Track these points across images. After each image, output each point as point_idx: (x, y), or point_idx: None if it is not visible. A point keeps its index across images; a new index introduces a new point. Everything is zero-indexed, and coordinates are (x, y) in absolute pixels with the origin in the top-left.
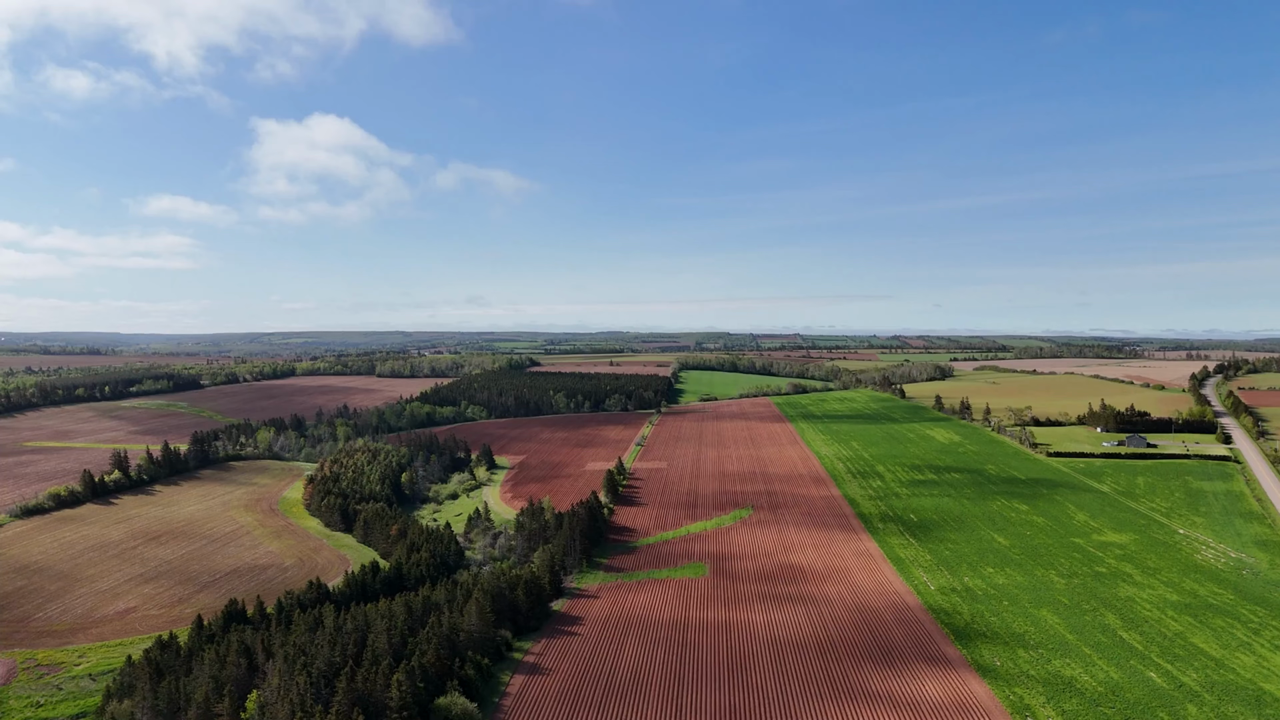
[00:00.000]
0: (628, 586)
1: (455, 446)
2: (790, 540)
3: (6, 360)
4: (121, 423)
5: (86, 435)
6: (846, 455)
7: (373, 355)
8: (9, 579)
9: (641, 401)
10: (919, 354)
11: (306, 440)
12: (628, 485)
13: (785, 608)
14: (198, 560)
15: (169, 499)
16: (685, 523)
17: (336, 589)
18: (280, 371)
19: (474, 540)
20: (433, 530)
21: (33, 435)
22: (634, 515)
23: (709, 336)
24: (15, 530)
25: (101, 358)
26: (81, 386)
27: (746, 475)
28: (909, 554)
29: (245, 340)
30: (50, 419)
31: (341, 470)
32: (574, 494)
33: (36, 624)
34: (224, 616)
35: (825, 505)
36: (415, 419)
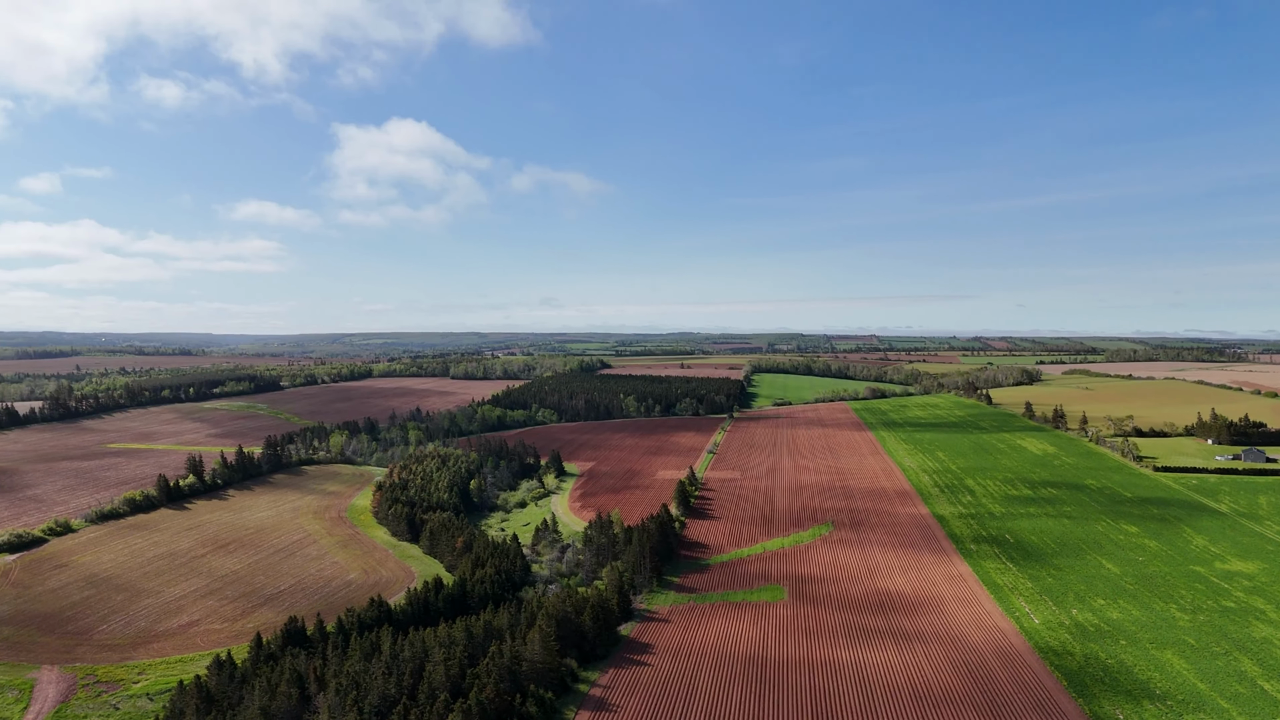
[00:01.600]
0: (701, 610)
1: (524, 452)
2: (875, 562)
3: (103, 361)
4: (202, 424)
5: (168, 437)
6: (932, 467)
7: (447, 357)
8: (77, 589)
9: (713, 405)
10: (1002, 356)
11: (379, 444)
12: (700, 496)
13: (874, 643)
14: (263, 571)
15: (240, 505)
16: (761, 539)
17: (398, 607)
18: (357, 373)
19: (541, 554)
20: (498, 544)
21: (117, 437)
22: (707, 530)
23: (781, 338)
24: (90, 536)
25: (191, 358)
26: (167, 388)
27: (825, 488)
28: (1007, 580)
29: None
30: (135, 420)
31: (410, 477)
32: (644, 505)
33: (100, 637)
34: (283, 635)
35: (912, 523)
36: (486, 422)
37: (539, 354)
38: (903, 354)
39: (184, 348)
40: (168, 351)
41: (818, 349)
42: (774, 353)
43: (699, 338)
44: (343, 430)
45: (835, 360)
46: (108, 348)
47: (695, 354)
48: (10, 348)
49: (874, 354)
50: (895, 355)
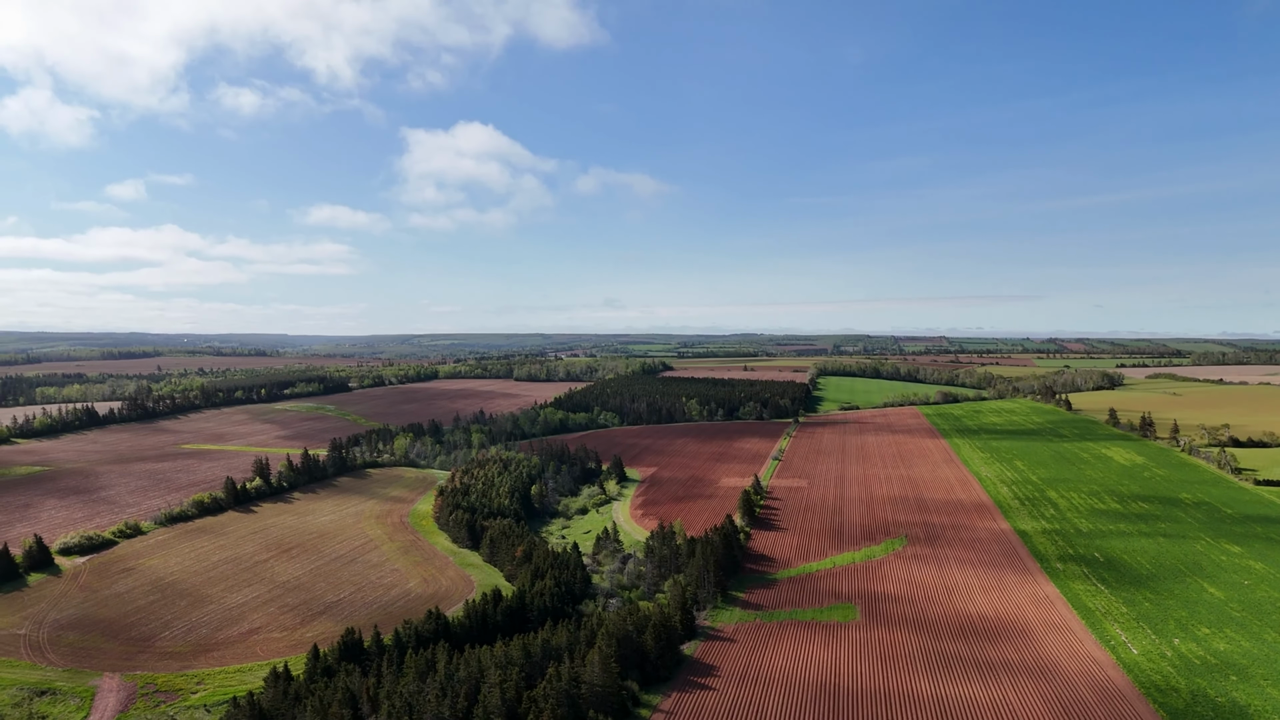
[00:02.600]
0: (768, 629)
1: (586, 456)
2: (953, 581)
3: (183, 361)
4: (272, 426)
5: (239, 438)
6: (1011, 478)
7: (511, 358)
8: (143, 593)
9: (778, 410)
10: (1080, 359)
11: (442, 447)
12: (765, 506)
13: (956, 673)
14: (324, 578)
15: (304, 508)
16: (831, 552)
17: (455, 620)
18: (423, 374)
19: (602, 563)
20: (558, 555)
21: (190, 438)
22: (773, 541)
23: (847, 339)
24: (158, 539)
25: (265, 359)
26: (240, 389)
27: (898, 499)
28: (1099, 604)
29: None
30: (208, 421)
31: (471, 482)
32: (707, 513)
33: (162, 644)
34: (340, 648)
35: (992, 539)
36: (549, 425)
37: (601, 355)
38: (974, 356)
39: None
40: (244, 352)
41: (885, 351)
42: (839, 354)
43: (762, 339)
44: (407, 432)
45: (904, 363)
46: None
47: (759, 356)
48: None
49: (944, 356)
50: (966, 357)
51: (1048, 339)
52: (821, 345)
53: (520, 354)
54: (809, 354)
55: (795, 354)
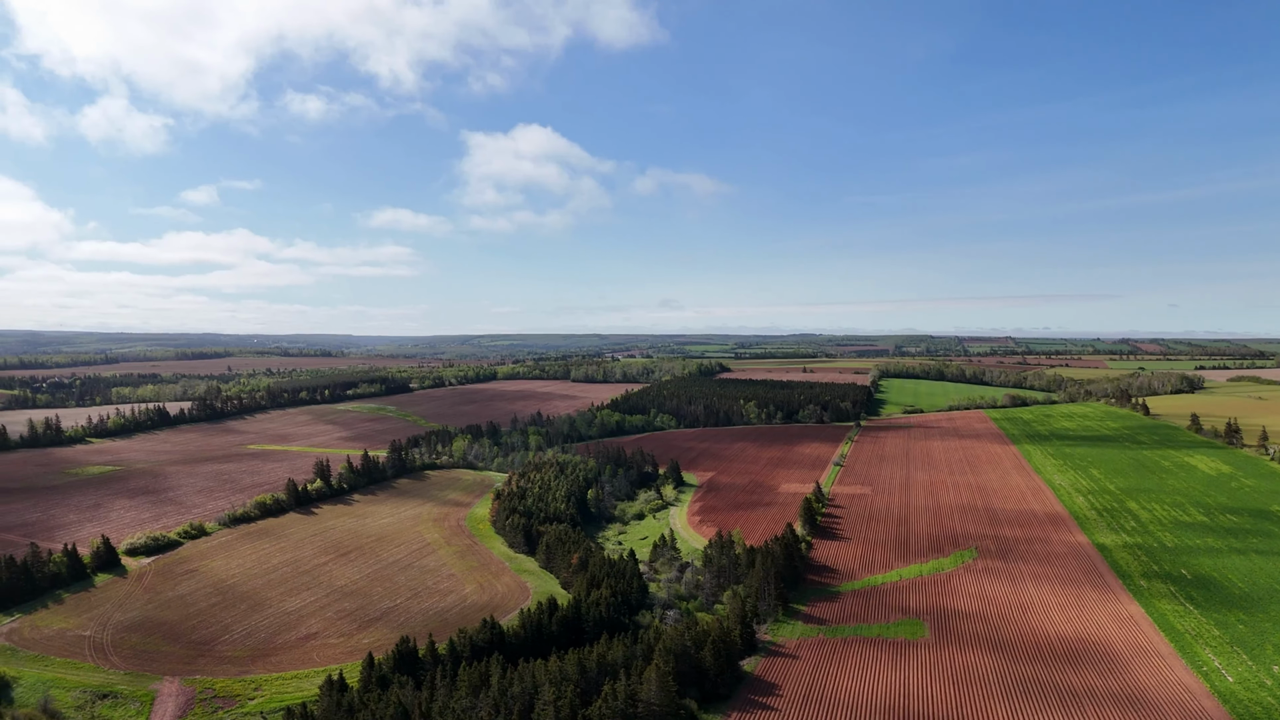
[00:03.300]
0: (831, 645)
1: (643, 460)
2: (1028, 597)
3: (252, 362)
4: (334, 427)
5: (302, 439)
6: (1087, 487)
7: (569, 359)
8: (204, 596)
9: (839, 413)
10: (1156, 361)
11: (500, 448)
12: (827, 514)
13: (1034, 698)
14: (381, 582)
15: (363, 511)
16: (896, 564)
17: (510, 630)
18: (482, 375)
19: (659, 572)
20: (614, 563)
21: (255, 439)
22: (835, 552)
23: (909, 339)
24: (221, 540)
25: (330, 359)
26: (305, 389)
27: (966, 508)
28: (1188, 626)
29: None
30: (273, 422)
31: (528, 485)
32: (767, 521)
33: (221, 648)
34: (394, 657)
35: (1068, 552)
36: (605, 427)
37: (658, 356)
38: (1042, 357)
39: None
40: (310, 353)
41: (949, 352)
42: (902, 355)
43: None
44: (465, 434)
45: (969, 364)
46: (257, 349)
47: (818, 357)
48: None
49: (1010, 357)
50: (1034, 359)
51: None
52: (882, 346)
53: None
54: (869, 355)
55: (855, 355)
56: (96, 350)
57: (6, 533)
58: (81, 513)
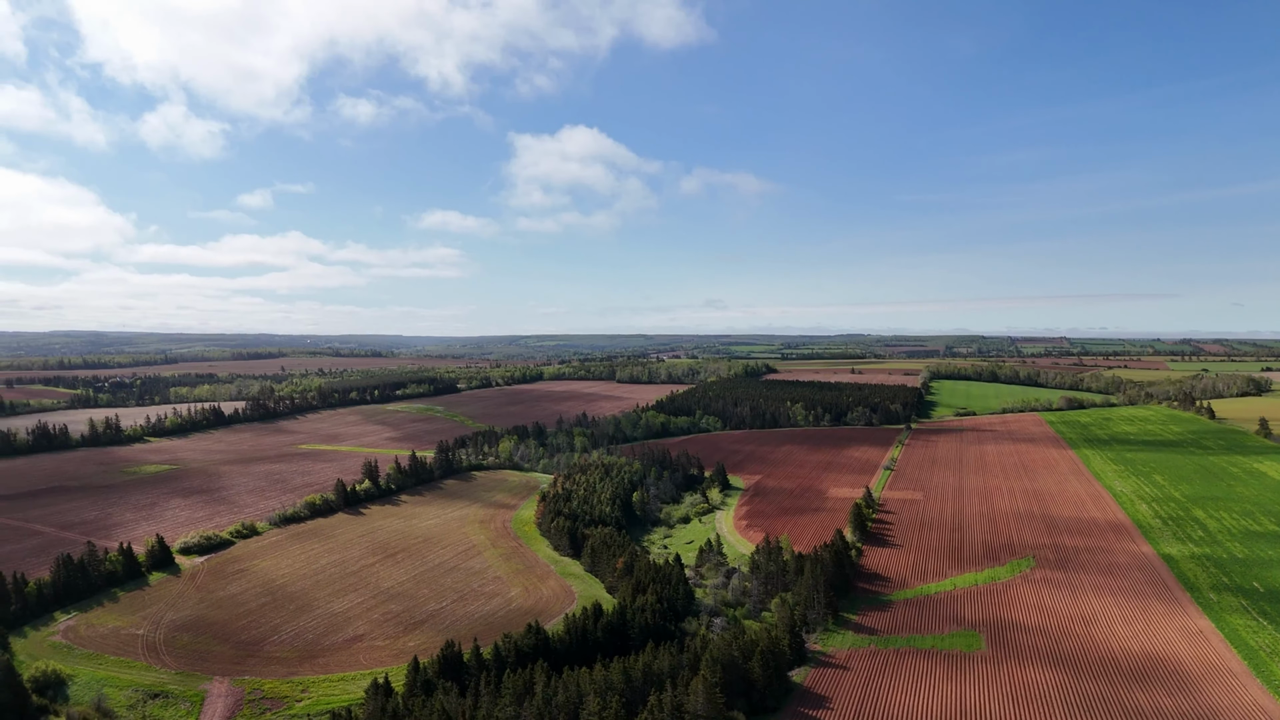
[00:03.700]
0: (883, 656)
1: (688, 462)
2: (1090, 609)
3: (305, 362)
4: (383, 427)
5: (351, 439)
6: (1150, 494)
7: (613, 359)
8: (254, 596)
9: (888, 415)
10: (1219, 362)
11: (546, 449)
12: (878, 520)
13: (1098, 718)
14: (427, 584)
15: (411, 511)
16: (950, 573)
17: (555, 635)
18: (529, 376)
19: (705, 577)
20: (660, 568)
21: (306, 439)
22: (886, 559)
23: (960, 340)
24: (271, 540)
25: (380, 360)
26: (355, 390)
27: (1023, 515)
28: (1263, 642)
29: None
30: (324, 421)
31: (573, 488)
32: (815, 527)
33: (270, 648)
34: (439, 661)
35: (1132, 563)
36: (650, 429)
37: (703, 357)
38: (1099, 358)
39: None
40: (361, 353)
41: (1001, 352)
42: (952, 356)
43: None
44: (512, 435)
45: (1022, 365)
46: (310, 349)
47: (866, 357)
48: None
49: (1065, 358)
50: (1090, 360)
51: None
52: (933, 346)
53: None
54: (919, 355)
55: (905, 355)
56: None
57: (66, 531)
58: (138, 511)
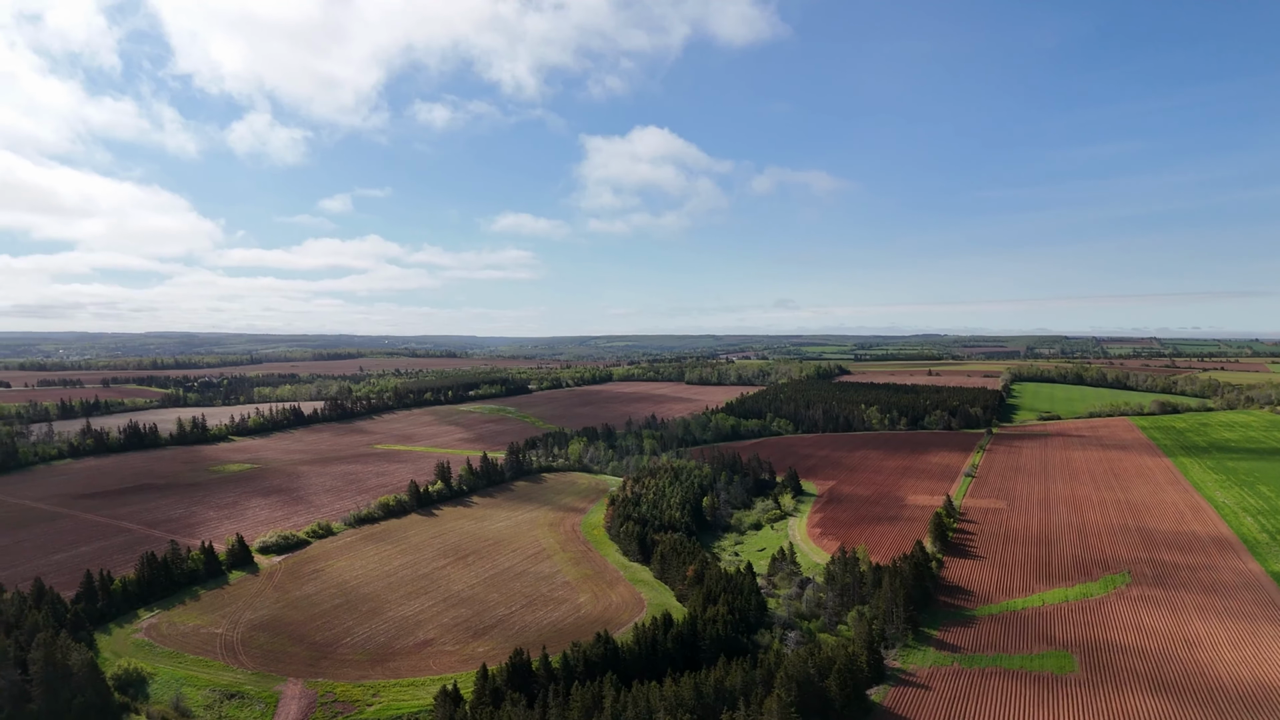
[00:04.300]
0: (968, 676)
1: (759, 467)
2: (1193, 631)
3: (382, 362)
4: (455, 428)
5: (425, 439)
6: (1256, 506)
7: (683, 360)
8: (328, 597)
9: (968, 419)
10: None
11: (615, 451)
12: (959, 530)
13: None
14: (497, 587)
15: (481, 513)
16: (1038, 588)
17: (625, 646)
18: (598, 377)
19: (777, 587)
20: (731, 576)
21: (381, 439)
22: (969, 571)
23: (1041, 340)
24: (345, 540)
25: (454, 360)
26: (429, 390)
27: (1116, 528)
28: None
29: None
30: (399, 422)
31: (642, 491)
32: (893, 536)
33: (343, 651)
34: (508, 669)
35: (1239, 582)
36: (720, 431)
37: (774, 358)
38: (1192, 360)
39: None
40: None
41: (1086, 353)
42: (1034, 358)
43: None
44: (581, 437)
45: (1110, 367)
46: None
47: (943, 359)
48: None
49: (1156, 360)
50: (1183, 361)
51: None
52: (1013, 347)
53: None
54: (999, 356)
55: (983, 356)
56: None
57: (152, 528)
58: (219, 510)
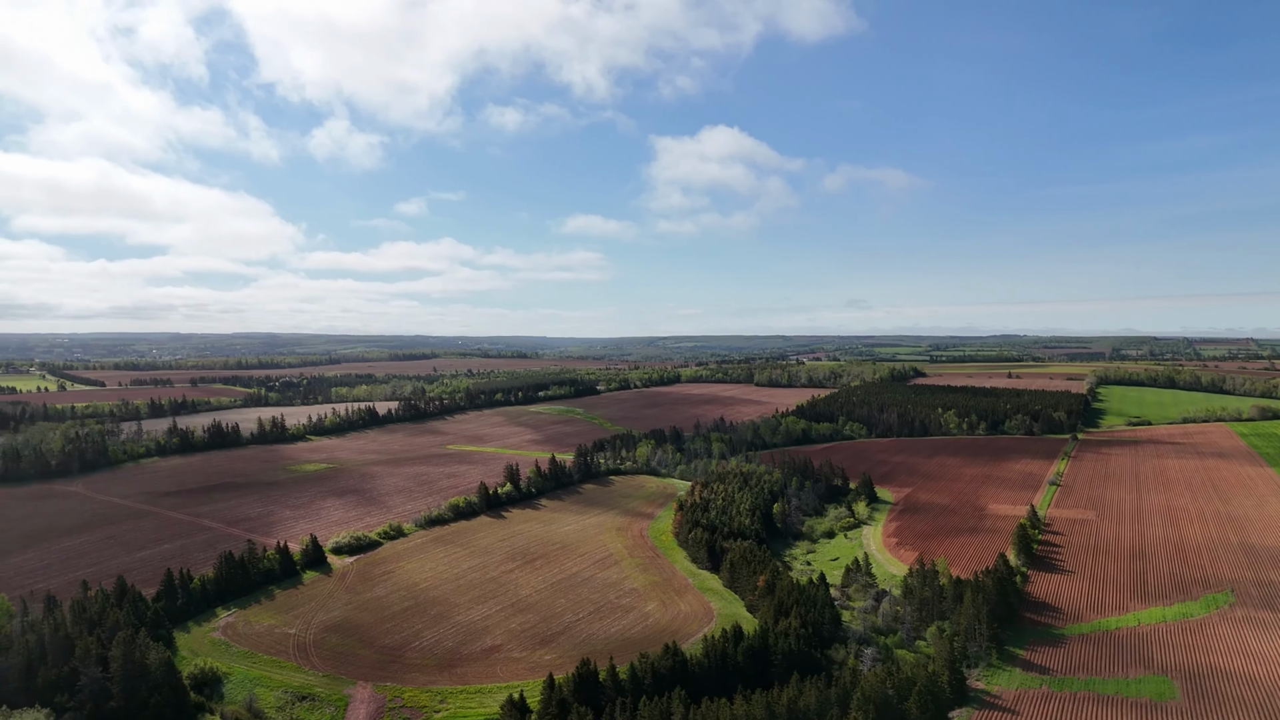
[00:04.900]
0: (1059, 700)
1: (832, 472)
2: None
3: (455, 363)
4: (524, 429)
5: (495, 440)
6: None
7: (751, 362)
8: (398, 599)
9: (1051, 424)
10: None
11: (683, 455)
12: (1044, 542)
13: None
14: (564, 593)
15: (549, 517)
16: (1132, 606)
17: (694, 658)
18: (666, 378)
19: (852, 599)
20: (804, 588)
21: (452, 440)
22: (1056, 587)
23: (1127, 341)
24: (416, 541)
25: (525, 361)
26: (500, 391)
27: (1216, 543)
28: None
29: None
30: (470, 423)
31: (711, 497)
32: (974, 547)
33: (412, 655)
34: (574, 680)
35: None
36: (790, 435)
37: (845, 359)
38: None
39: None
40: (507, 354)
41: (1176, 355)
42: (1120, 359)
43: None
44: (649, 439)
45: (1204, 370)
46: (460, 350)
47: (1023, 360)
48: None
49: (1255, 362)
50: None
51: None
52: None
53: (761, 357)
54: (1082, 358)
55: (1065, 358)
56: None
57: (231, 526)
58: (295, 510)
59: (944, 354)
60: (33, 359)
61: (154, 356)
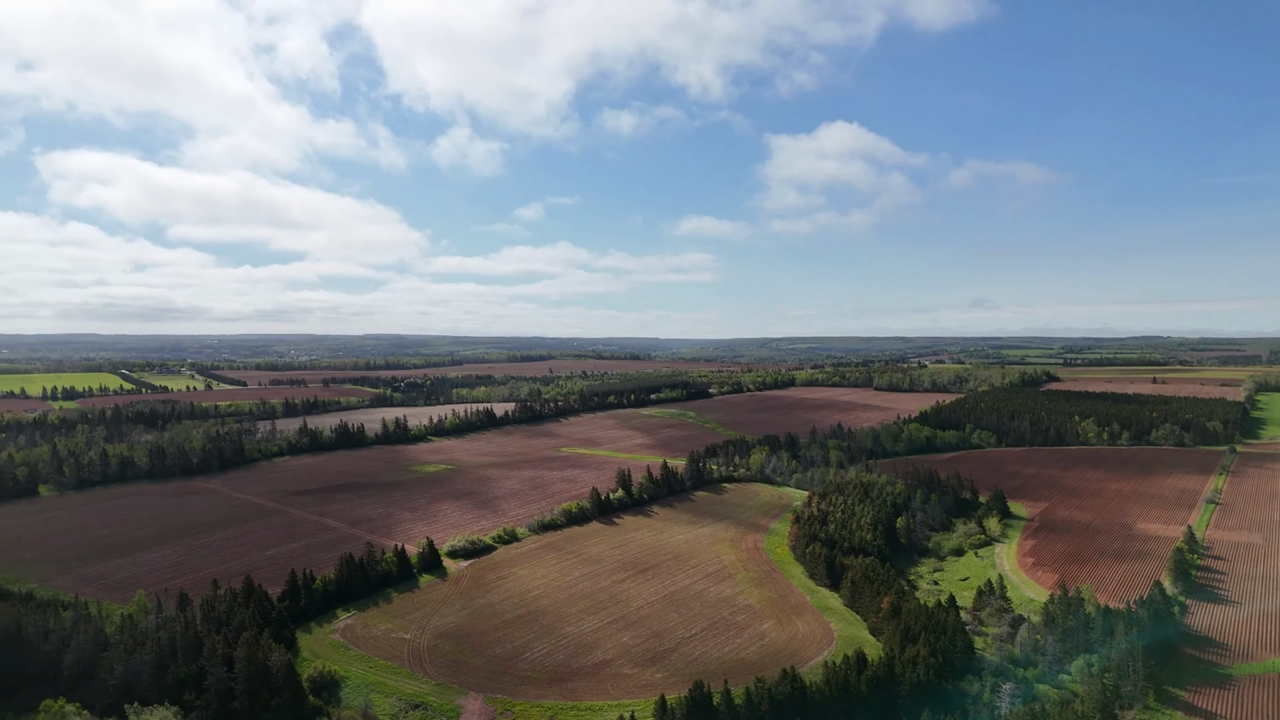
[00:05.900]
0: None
1: (959, 485)
2: None
3: (570, 364)
4: (636, 432)
5: (607, 444)
6: None
7: (870, 365)
8: (510, 607)
9: (1204, 434)
10: None
11: (799, 462)
12: (1203, 567)
13: None
14: (676, 607)
15: (660, 524)
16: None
17: (813, 685)
18: (780, 381)
19: (985, 623)
20: (932, 612)
21: (565, 442)
22: (1220, 619)
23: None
24: (529, 547)
25: (637, 362)
26: (612, 394)
27: None
28: None
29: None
30: (583, 425)
31: (830, 509)
32: (1121, 571)
33: (522, 666)
34: (687, 702)
35: None
36: (913, 443)
37: (971, 362)
38: None
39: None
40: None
41: None
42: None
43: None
44: (763, 445)
45: None
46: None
47: (1169, 364)
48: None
49: None
50: None
51: None
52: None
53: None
54: (1236, 361)
55: (1217, 362)
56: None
57: (353, 527)
58: (414, 511)
59: (1079, 357)
60: (185, 359)
61: (291, 357)
